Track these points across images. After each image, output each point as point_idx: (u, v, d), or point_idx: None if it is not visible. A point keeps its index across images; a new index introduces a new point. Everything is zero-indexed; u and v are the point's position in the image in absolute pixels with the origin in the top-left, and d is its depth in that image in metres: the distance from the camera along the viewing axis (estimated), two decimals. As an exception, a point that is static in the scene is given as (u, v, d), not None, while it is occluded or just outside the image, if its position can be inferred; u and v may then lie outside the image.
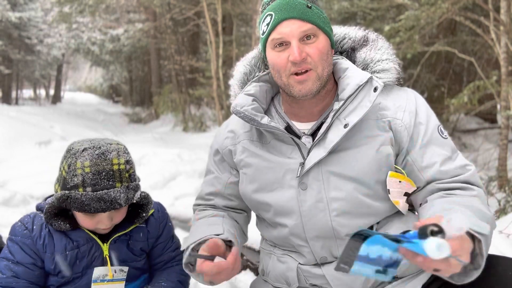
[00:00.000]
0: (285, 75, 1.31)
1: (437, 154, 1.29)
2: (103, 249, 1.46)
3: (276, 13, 1.29)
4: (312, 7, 1.30)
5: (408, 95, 1.37)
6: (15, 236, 1.43)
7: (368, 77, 1.29)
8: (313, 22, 1.29)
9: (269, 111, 1.47)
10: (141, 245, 1.55)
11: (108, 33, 17.50)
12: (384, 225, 1.34)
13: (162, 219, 1.61)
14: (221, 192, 1.51)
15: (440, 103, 6.78)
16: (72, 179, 1.33)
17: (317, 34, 1.30)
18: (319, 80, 1.30)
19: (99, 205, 1.31)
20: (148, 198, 1.47)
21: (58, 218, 1.40)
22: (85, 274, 1.45)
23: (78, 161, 1.34)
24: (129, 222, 1.50)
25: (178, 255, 1.63)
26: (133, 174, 1.42)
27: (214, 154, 1.54)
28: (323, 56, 1.30)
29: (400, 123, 1.31)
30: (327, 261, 1.34)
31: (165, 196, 4.88)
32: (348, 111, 1.28)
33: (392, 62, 1.37)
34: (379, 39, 1.43)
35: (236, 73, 1.52)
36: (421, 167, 1.29)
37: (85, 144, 1.39)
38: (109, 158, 1.35)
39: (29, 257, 1.41)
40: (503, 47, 4.55)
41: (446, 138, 1.34)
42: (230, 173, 1.50)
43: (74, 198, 1.31)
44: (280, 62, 1.30)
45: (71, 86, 46.08)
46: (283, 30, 1.28)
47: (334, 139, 1.26)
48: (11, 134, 8.57)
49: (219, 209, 1.54)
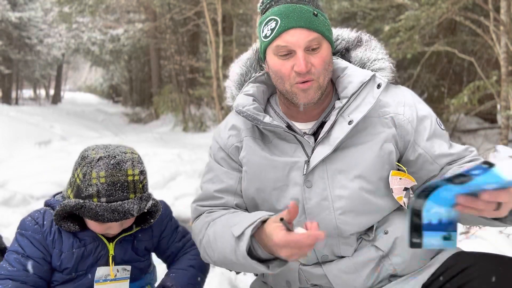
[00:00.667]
0: (289, 83, 1.31)
1: (443, 145, 1.35)
2: (109, 248, 1.48)
3: (282, 20, 1.27)
4: (318, 14, 1.29)
5: (403, 92, 1.41)
6: (25, 230, 1.44)
7: (371, 75, 1.32)
8: (319, 31, 1.28)
9: (267, 111, 1.47)
10: (145, 244, 1.56)
11: (108, 33, 17.49)
12: (384, 222, 1.35)
13: (165, 216, 1.61)
14: (233, 188, 1.41)
15: (440, 103, 6.78)
16: (87, 189, 1.35)
17: (321, 43, 1.29)
18: (320, 89, 1.32)
19: (112, 215, 1.33)
20: (157, 206, 1.47)
21: (68, 219, 1.41)
22: (89, 272, 1.46)
23: (94, 171, 1.35)
24: (135, 222, 1.51)
25: (186, 244, 1.64)
26: (146, 184, 1.44)
27: (218, 152, 1.47)
28: (326, 65, 1.31)
29: (402, 117, 1.34)
30: (328, 259, 1.34)
31: (165, 196, 4.87)
32: (351, 108, 1.30)
33: (387, 61, 1.41)
34: (372, 40, 1.46)
35: (232, 74, 1.52)
36: (435, 156, 1.33)
37: (100, 152, 1.39)
38: (124, 169, 1.36)
39: (39, 252, 1.42)
40: (503, 47, 4.56)
41: (444, 129, 1.40)
42: (239, 171, 1.44)
43: (88, 208, 1.33)
44: (284, 70, 1.30)
45: (71, 86, 46.10)
46: (289, 38, 1.26)
47: (339, 136, 1.28)
48: (11, 134, 8.57)
49: (232, 209, 1.42)
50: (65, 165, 5.69)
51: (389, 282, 1.31)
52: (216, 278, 2.88)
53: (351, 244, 1.32)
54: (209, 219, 1.37)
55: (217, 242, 1.29)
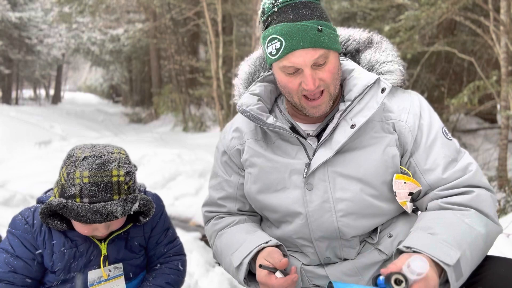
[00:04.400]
0: (297, 96, 1.31)
1: (442, 157, 1.29)
2: (101, 248, 1.46)
3: (287, 41, 1.24)
4: (323, 28, 1.25)
5: (412, 98, 1.37)
6: (16, 230, 1.43)
7: (375, 78, 1.29)
8: (324, 47, 1.25)
9: (273, 111, 1.47)
10: (138, 241, 1.54)
11: (108, 33, 17.48)
12: (388, 226, 1.34)
13: (157, 211, 1.59)
14: (233, 195, 1.50)
15: (440, 103, 6.78)
16: (70, 188, 1.31)
17: (328, 55, 1.27)
18: (331, 99, 1.32)
19: (95, 217, 1.29)
20: (148, 205, 1.43)
21: (54, 218, 1.39)
22: (82, 273, 1.44)
23: (78, 171, 1.31)
24: (128, 219, 1.50)
25: (169, 251, 1.62)
26: (133, 185, 1.39)
27: (222, 155, 1.52)
28: (335, 75, 1.30)
29: (404, 125, 1.31)
30: (330, 261, 1.34)
31: (165, 196, 4.87)
32: (355, 112, 1.28)
33: (397, 64, 1.37)
34: (383, 41, 1.43)
35: (241, 72, 1.52)
36: (423, 170, 1.29)
37: (86, 151, 1.36)
38: (109, 169, 1.32)
39: (29, 252, 1.41)
40: (503, 47, 4.56)
41: (451, 139, 1.33)
42: (239, 175, 1.49)
43: (70, 208, 1.30)
44: (291, 85, 1.29)
45: (71, 86, 46.09)
46: (295, 60, 1.24)
47: (341, 139, 1.26)
48: (11, 134, 8.57)
49: (236, 214, 1.52)
50: (65, 165, 5.67)
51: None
52: (216, 278, 2.88)
53: (354, 247, 1.32)
54: (217, 227, 1.51)
55: (222, 258, 1.44)
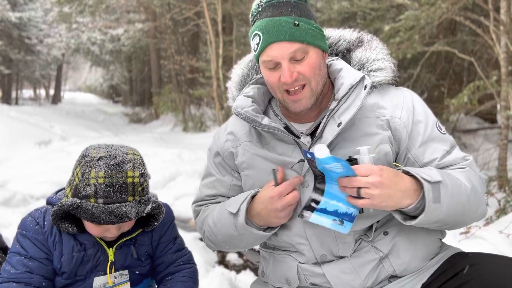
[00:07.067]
0: (279, 91, 1.34)
1: (438, 150, 1.32)
2: (108, 254, 1.45)
3: (264, 35, 1.29)
4: (300, 24, 1.28)
5: (404, 94, 1.39)
6: (26, 231, 1.41)
7: (360, 77, 1.31)
8: (301, 40, 1.27)
9: (267, 113, 1.48)
10: (146, 249, 1.53)
11: (108, 33, 17.50)
12: (384, 223, 1.35)
13: (167, 220, 1.58)
14: (225, 195, 1.52)
15: (440, 103, 6.77)
16: (84, 188, 1.31)
17: (307, 50, 1.29)
18: (313, 95, 1.33)
19: (109, 218, 1.29)
20: (159, 209, 1.43)
21: (66, 220, 1.38)
22: (88, 278, 1.43)
23: (93, 171, 1.31)
24: (135, 225, 1.48)
25: (178, 259, 1.60)
26: (147, 187, 1.40)
27: (214, 156, 1.54)
28: (315, 70, 1.31)
29: (398, 121, 1.32)
30: (326, 259, 1.34)
31: (165, 196, 4.88)
32: (341, 110, 1.30)
33: (387, 61, 1.39)
34: (374, 40, 1.45)
35: (234, 75, 1.54)
36: (423, 164, 1.31)
37: (101, 151, 1.35)
38: (124, 170, 1.32)
39: (42, 252, 1.39)
40: (503, 47, 4.56)
41: (445, 133, 1.37)
42: (232, 176, 1.50)
43: (84, 208, 1.29)
44: (273, 80, 1.33)
45: (71, 86, 46.12)
46: (272, 53, 1.28)
47: (329, 137, 1.28)
48: (11, 134, 8.58)
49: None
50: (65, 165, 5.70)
51: (388, 283, 1.31)
52: (216, 278, 2.88)
53: (349, 244, 1.32)
54: (206, 213, 1.51)
55: (217, 225, 1.42)
